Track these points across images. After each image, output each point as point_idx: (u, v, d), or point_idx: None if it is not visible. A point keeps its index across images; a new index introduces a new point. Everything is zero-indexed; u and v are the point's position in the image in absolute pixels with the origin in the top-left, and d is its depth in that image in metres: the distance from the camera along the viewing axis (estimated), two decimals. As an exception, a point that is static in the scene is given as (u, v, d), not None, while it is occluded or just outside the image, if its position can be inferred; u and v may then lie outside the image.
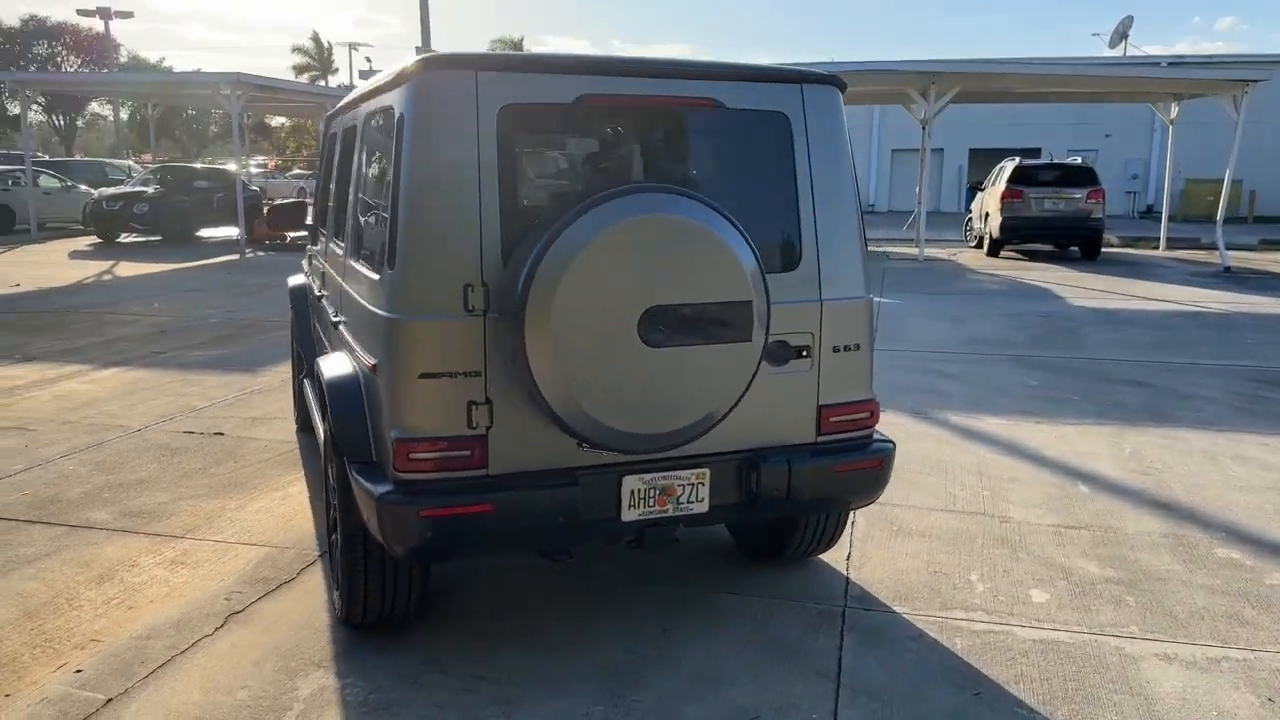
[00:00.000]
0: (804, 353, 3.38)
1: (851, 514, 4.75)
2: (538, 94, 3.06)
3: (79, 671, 3.30)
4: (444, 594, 3.88)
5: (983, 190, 19.80)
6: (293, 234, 6.42)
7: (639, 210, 2.77)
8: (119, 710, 3.07)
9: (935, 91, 17.00)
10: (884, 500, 4.94)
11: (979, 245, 19.64)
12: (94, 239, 21.02)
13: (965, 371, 8.22)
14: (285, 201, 6.43)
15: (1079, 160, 18.67)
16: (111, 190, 22.30)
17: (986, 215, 18.83)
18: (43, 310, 11.43)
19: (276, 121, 54.04)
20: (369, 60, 72.37)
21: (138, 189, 21.79)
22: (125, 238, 21.06)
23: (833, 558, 4.28)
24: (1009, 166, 18.28)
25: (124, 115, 44.40)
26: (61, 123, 50.98)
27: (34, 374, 7.92)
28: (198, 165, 29.15)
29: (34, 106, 45.84)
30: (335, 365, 3.54)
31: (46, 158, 32.97)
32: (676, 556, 4.25)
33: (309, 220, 5.63)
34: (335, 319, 3.93)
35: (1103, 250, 18.81)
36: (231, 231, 20.06)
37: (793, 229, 3.36)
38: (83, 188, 24.29)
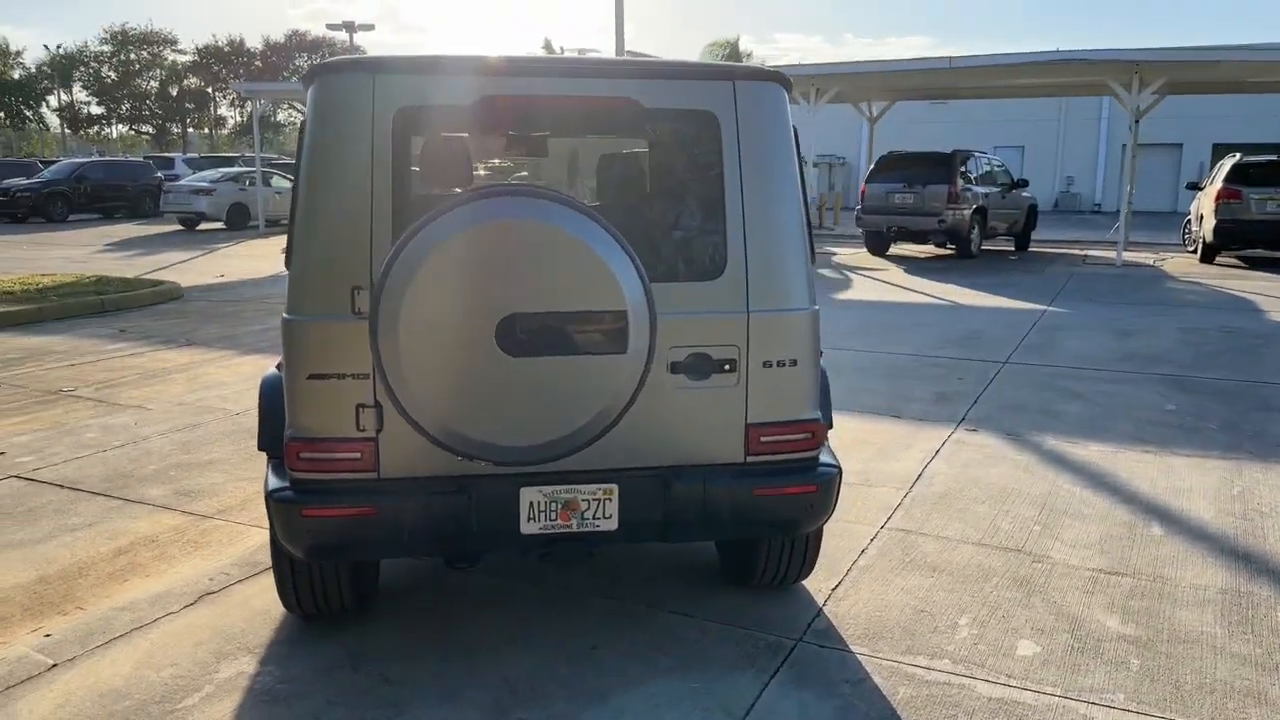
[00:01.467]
0: (727, 367, 3.18)
1: (867, 539, 4.46)
2: (438, 96, 3.03)
3: (48, 636, 3.59)
4: (407, 589, 3.94)
5: (1201, 190, 17.96)
6: None
7: (493, 215, 2.69)
8: (56, 675, 3.31)
9: (1139, 82, 15.55)
10: (913, 528, 4.63)
11: (1196, 251, 17.84)
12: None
13: (1096, 390, 7.47)
14: None
15: (1312, 157, 16.55)
16: None
17: (1201, 218, 17.07)
18: (230, 300, 12.53)
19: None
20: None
21: None
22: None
23: (817, 585, 4.00)
24: (1228, 163, 16.47)
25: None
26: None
27: (185, 358, 8.70)
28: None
29: (285, 113, 50.38)
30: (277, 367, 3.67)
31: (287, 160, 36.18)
32: (652, 569, 4.12)
33: None
34: None
35: (1343, 258, 16.64)
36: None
37: (717, 235, 3.16)
38: None
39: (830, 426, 3.65)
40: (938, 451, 5.88)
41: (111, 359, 8.62)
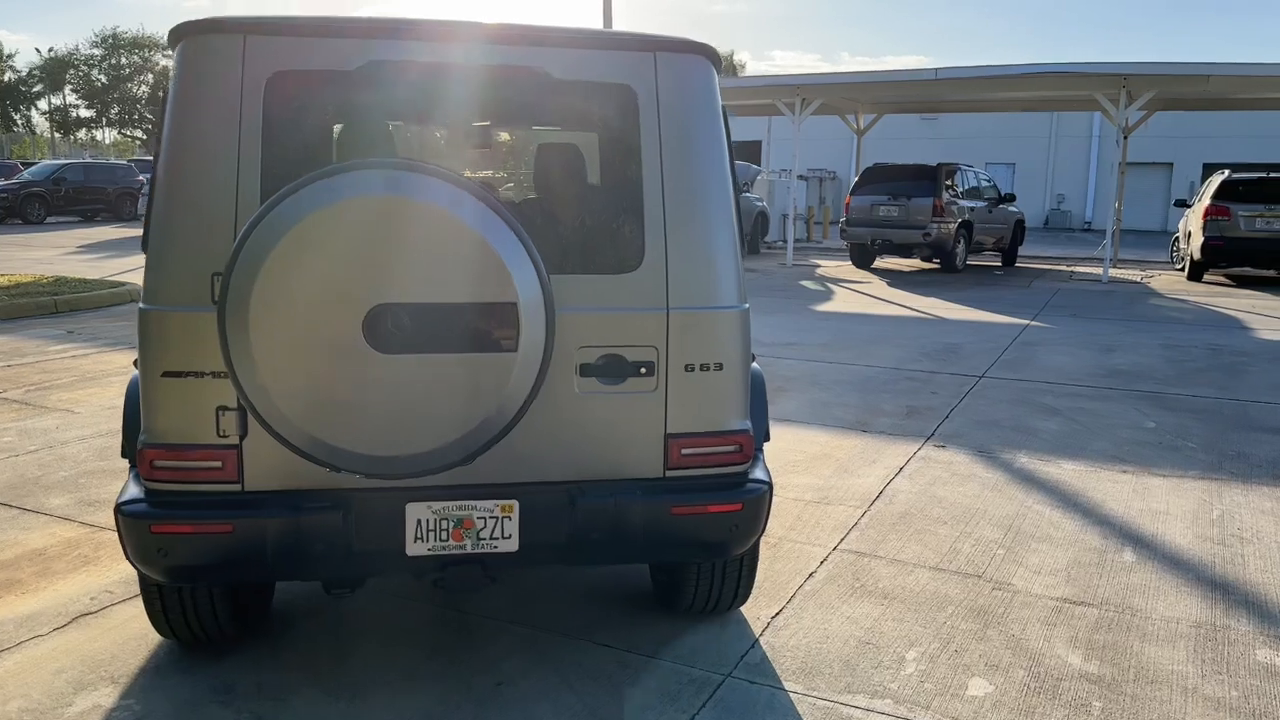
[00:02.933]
0: (644, 370, 2.84)
1: (817, 561, 4.12)
2: (318, 60, 2.70)
3: (-106, 661, 3.22)
4: (303, 612, 3.58)
5: (1189, 207, 17.72)
6: None
7: (358, 190, 2.36)
8: (-112, 707, 2.95)
9: (1126, 97, 15.32)
10: (867, 550, 4.29)
11: (1184, 269, 17.59)
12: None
13: (1074, 407, 7.15)
14: None
15: (1302, 173, 16.31)
16: None
17: (1189, 235, 16.81)
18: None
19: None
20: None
21: None
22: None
23: (756, 612, 3.66)
24: (1217, 180, 16.23)
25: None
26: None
27: (128, 359, 8.32)
28: None
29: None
30: None
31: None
32: (575, 591, 3.77)
33: None
34: None
35: (1333, 278, 16.40)
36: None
37: (634, 223, 2.83)
38: None
39: (767, 439, 3.32)
40: (902, 468, 5.55)
41: (52, 360, 8.25)
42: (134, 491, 2.74)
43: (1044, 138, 36.14)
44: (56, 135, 62.84)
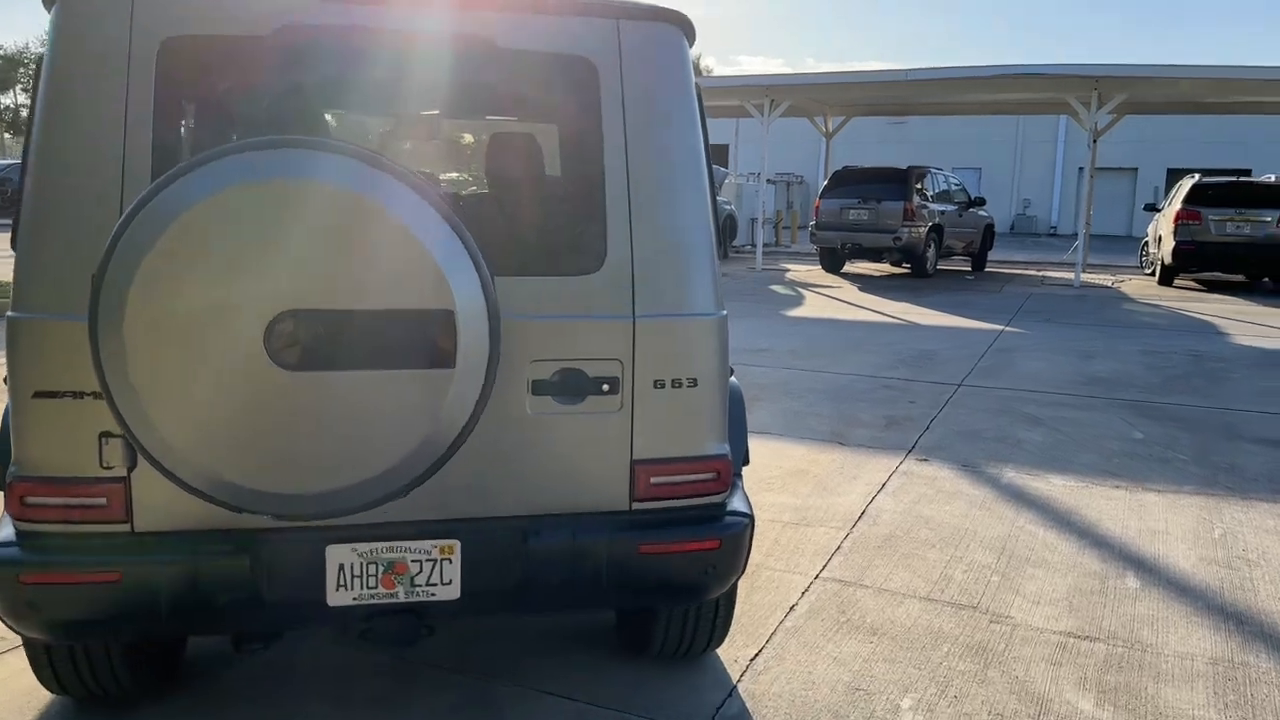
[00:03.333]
0: (607, 387, 2.47)
1: (798, 592, 3.76)
2: (223, 23, 2.30)
3: None
4: (226, 662, 3.16)
5: (1159, 211, 17.65)
6: None
7: (259, 175, 1.96)
8: None
9: (1097, 100, 15.18)
10: (852, 578, 3.94)
11: (1153, 273, 17.52)
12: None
13: (1059, 417, 6.86)
14: None
15: (1271, 178, 16.27)
16: None
17: (1160, 239, 16.72)
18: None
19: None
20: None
21: None
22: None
23: (734, 654, 3.29)
24: (1187, 184, 16.14)
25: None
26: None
27: None
28: None
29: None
30: None
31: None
32: (529, 633, 3.38)
33: None
34: None
35: (1302, 283, 16.38)
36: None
37: (594, 216, 2.46)
38: None
39: (746, 462, 2.96)
40: (884, 485, 5.21)
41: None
42: (2, 534, 2.32)
43: (1010, 143, 36.23)
44: (7, 135, 61.35)
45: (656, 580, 2.54)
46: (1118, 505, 4.97)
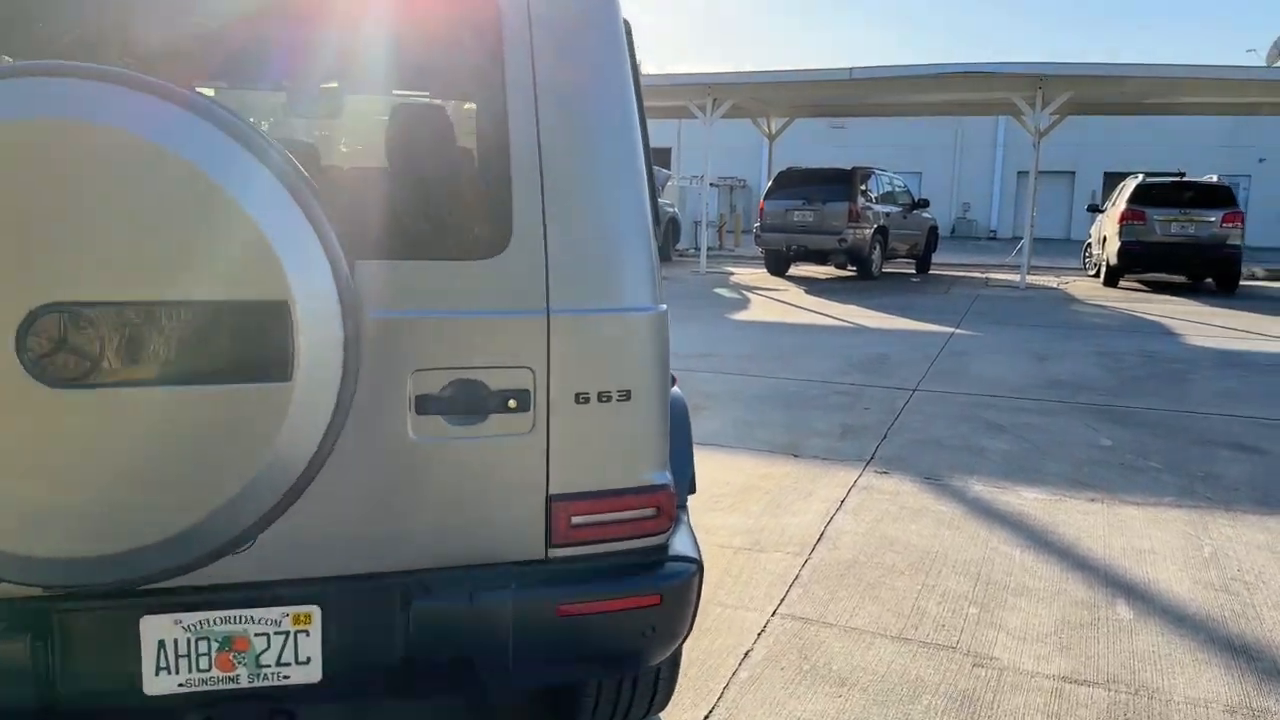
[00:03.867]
0: (514, 402, 1.93)
1: (754, 634, 3.26)
2: None
3: None
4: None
5: (1102, 212, 17.58)
6: None
7: (10, 112, 1.39)
8: None
9: (1041, 99, 15.00)
10: (814, 614, 3.45)
11: (1097, 274, 17.44)
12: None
13: (1022, 423, 6.47)
14: None
15: (1214, 179, 16.26)
16: None
17: (1104, 240, 16.62)
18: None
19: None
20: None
21: None
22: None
23: (680, 717, 2.77)
24: (1131, 184, 16.05)
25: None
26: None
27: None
28: None
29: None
30: None
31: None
32: (440, 709, 2.82)
33: None
34: None
35: (1243, 283, 16.37)
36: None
37: (499, 188, 1.92)
38: None
39: (692, 491, 2.44)
40: (843, 502, 4.74)
41: None
42: None
43: (949, 147, 36.33)
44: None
45: (581, 648, 2.00)
46: (1096, 520, 4.55)
